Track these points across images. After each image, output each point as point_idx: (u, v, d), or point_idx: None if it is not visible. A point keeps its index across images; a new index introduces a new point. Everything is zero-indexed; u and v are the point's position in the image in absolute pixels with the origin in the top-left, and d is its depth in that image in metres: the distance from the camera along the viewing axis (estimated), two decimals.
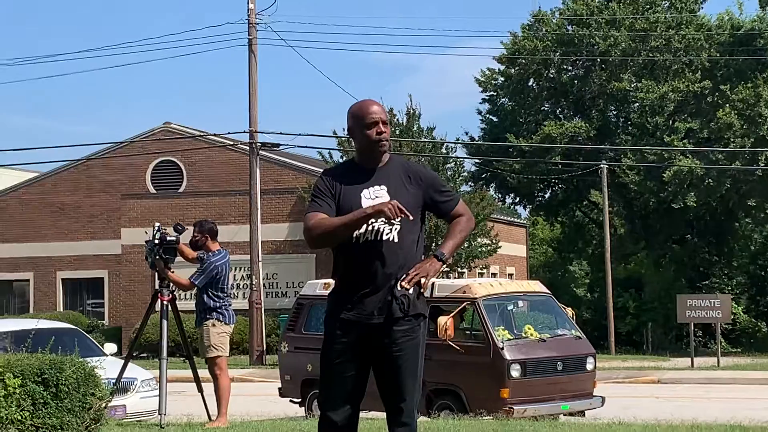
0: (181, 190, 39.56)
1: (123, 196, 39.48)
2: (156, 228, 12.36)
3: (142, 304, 37.32)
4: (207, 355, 12.39)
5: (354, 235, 5.81)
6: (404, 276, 5.73)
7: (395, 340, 5.81)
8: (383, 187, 5.89)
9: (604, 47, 47.10)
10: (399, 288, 5.72)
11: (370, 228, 5.80)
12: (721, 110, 45.23)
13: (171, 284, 12.49)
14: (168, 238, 12.26)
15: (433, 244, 31.56)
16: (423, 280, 5.74)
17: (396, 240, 5.82)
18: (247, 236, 33.20)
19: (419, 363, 5.89)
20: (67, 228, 41.59)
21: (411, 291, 5.75)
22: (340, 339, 5.85)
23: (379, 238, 5.80)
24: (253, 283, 32.76)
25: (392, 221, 5.74)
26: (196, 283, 12.33)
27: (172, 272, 12.41)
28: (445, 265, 6.02)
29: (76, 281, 41.88)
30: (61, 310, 40.10)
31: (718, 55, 47.11)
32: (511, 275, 47.33)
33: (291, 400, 17.07)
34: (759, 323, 47.99)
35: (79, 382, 8.79)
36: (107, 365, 11.10)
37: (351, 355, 5.84)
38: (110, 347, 17.04)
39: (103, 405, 9.20)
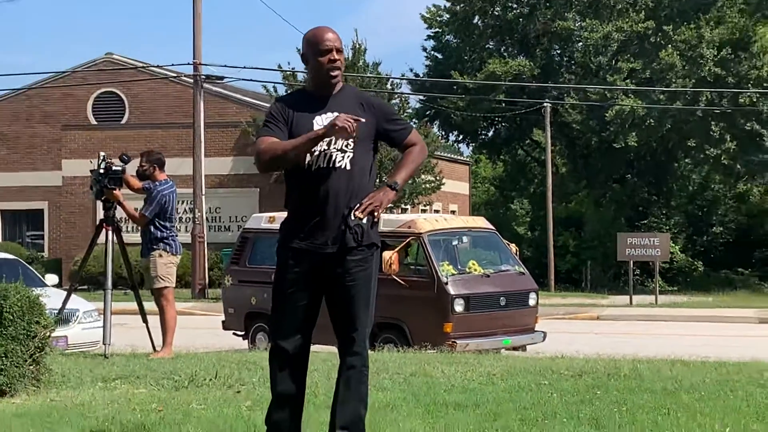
0: (123, 121, 39.16)
1: (64, 127, 38.98)
2: (101, 158, 12.24)
3: (83, 237, 37.05)
4: (153, 285, 12.34)
5: (306, 163, 5.78)
6: (357, 205, 5.73)
7: (348, 270, 5.81)
8: (336, 114, 5.85)
9: None
10: (352, 217, 5.71)
11: (322, 155, 5.78)
12: (663, 51, 45.47)
13: (115, 214, 12.39)
14: (114, 168, 12.16)
15: (378, 181, 31.56)
16: (376, 211, 5.75)
17: (348, 168, 5.81)
18: (190, 170, 32.94)
19: (372, 293, 5.91)
20: (6, 159, 41.07)
21: (364, 220, 5.75)
22: (292, 269, 5.83)
23: (331, 165, 5.78)
24: (196, 216, 32.60)
25: (348, 139, 5.70)
26: (146, 214, 12.26)
27: (126, 204, 12.33)
28: (398, 195, 6.03)
29: (15, 212, 41.44)
30: (0, 241, 39.68)
31: None
32: (453, 212, 47.50)
33: (234, 333, 17.10)
34: (695, 262, 48.71)
35: (23, 310, 8.74)
36: (50, 295, 11.04)
37: (303, 284, 5.83)
38: (51, 278, 16.95)
39: (48, 334, 9.14)
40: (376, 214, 5.77)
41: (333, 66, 5.88)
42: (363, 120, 5.68)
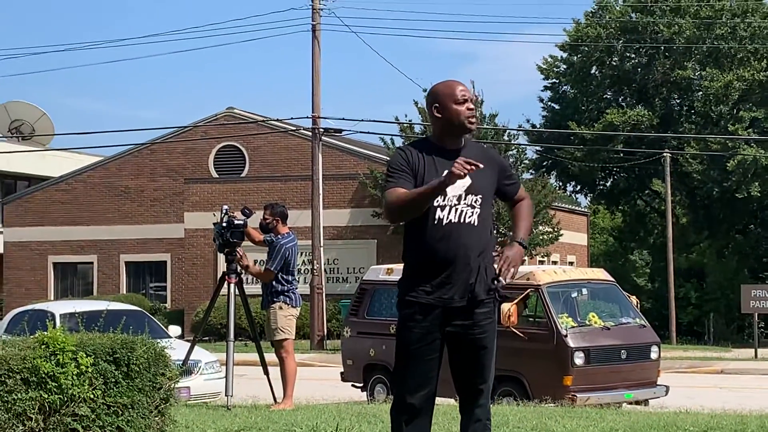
0: (243, 174, 39.79)
1: (186, 180, 39.79)
2: (224, 211, 12.41)
3: (204, 288, 37.66)
4: (274, 337, 12.46)
5: (436, 217, 5.82)
6: (498, 269, 5.81)
7: (478, 322, 5.86)
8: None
9: (668, 35, 46.69)
10: (495, 284, 5.83)
11: (453, 210, 5.83)
12: None
13: (238, 267, 12.55)
14: (236, 222, 12.31)
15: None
16: (513, 270, 5.83)
17: (476, 223, 5.86)
18: (308, 221, 33.33)
19: (495, 344, 5.95)
20: (130, 211, 41.98)
21: (505, 280, 5.84)
22: (420, 323, 5.85)
23: (461, 221, 5.83)
24: (315, 268, 32.91)
25: (467, 198, 5.73)
26: (272, 269, 12.36)
27: (250, 266, 12.54)
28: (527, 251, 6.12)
29: (139, 264, 42.28)
30: (124, 292, 40.51)
31: None
32: (571, 263, 47.08)
33: (353, 385, 17.13)
34: None
35: (149, 361, 8.87)
36: (175, 347, 11.23)
37: (430, 338, 5.85)
38: (174, 330, 17.22)
39: (173, 385, 9.27)
40: (513, 271, 5.83)
41: (471, 114, 5.94)
42: (481, 165, 5.69)
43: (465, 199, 5.85)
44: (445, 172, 5.73)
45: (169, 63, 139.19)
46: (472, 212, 5.85)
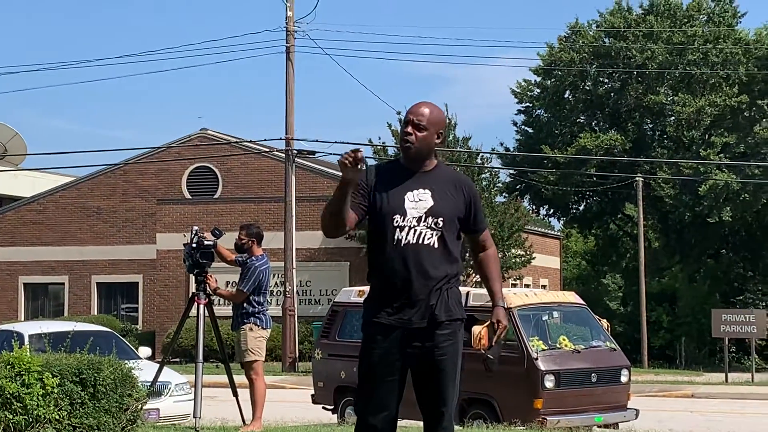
0: (216, 196, 39.73)
1: (159, 201, 39.67)
2: (194, 232, 12.35)
3: (176, 309, 37.49)
4: (244, 359, 12.40)
5: (395, 239, 5.81)
6: (497, 335, 6.09)
7: (438, 344, 5.84)
8: (427, 191, 5.90)
9: (640, 60, 47.00)
10: (490, 356, 6.01)
11: (411, 231, 5.81)
12: (758, 125, 44.98)
13: (207, 288, 12.50)
14: (205, 243, 12.25)
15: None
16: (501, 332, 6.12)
17: (436, 246, 5.84)
18: (281, 243, 33.26)
19: (458, 368, 5.92)
20: (102, 232, 41.78)
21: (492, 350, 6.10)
22: (381, 344, 5.84)
23: (420, 242, 5.81)
24: (287, 290, 32.83)
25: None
26: (245, 290, 12.31)
27: (219, 289, 12.53)
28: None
29: (110, 285, 42.06)
30: (96, 313, 40.27)
31: (755, 69, 46.90)
32: (544, 287, 47.19)
33: (324, 407, 17.08)
34: None
35: (116, 382, 8.85)
36: (142, 368, 11.17)
37: (392, 360, 5.84)
38: (144, 351, 17.13)
39: (140, 406, 9.25)
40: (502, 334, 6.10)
41: (403, 138, 5.97)
42: (361, 152, 5.63)
43: (425, 220, 5.84)
44: (410, 198, 5.84)
45: (143, 84, 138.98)
46: (432, 234, 5.83)
